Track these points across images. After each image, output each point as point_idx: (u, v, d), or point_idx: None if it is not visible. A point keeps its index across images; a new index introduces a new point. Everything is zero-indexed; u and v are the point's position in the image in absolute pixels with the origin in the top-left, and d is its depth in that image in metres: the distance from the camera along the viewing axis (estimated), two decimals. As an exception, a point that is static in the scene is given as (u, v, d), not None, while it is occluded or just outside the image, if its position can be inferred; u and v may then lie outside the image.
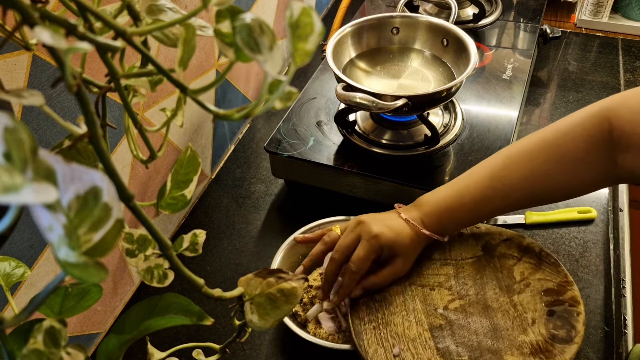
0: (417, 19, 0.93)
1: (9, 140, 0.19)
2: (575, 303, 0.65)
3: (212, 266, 0.83)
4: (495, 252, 0.72)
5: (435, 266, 0.71)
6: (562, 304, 0.66)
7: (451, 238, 0.73)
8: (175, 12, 0.35)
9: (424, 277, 0.70)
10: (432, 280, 0.70)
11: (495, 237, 0.73)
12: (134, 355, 0.68)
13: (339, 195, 0.87)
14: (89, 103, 0.25)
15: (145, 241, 0.40)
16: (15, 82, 0.53)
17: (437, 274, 0.70)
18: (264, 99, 0.27)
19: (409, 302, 0.68)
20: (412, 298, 0.68)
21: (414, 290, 0.69)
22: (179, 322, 0.37)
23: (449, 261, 0.71)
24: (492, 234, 0.73)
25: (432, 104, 0.82)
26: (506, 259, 0.71)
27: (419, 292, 0.69)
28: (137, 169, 0.75)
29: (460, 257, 0.72)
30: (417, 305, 0.67)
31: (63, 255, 0.22)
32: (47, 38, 0.21)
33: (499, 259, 0.71)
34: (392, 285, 0.69)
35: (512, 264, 0.70)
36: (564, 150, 0.62)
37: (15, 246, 0.57)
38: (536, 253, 0.71)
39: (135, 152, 0.38)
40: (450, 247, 0.73)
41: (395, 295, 0.68)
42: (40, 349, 0.27)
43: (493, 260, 0.71)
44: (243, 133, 1.06)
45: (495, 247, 0.72)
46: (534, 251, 0.71)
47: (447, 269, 0.71)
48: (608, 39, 1.24)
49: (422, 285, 0.69)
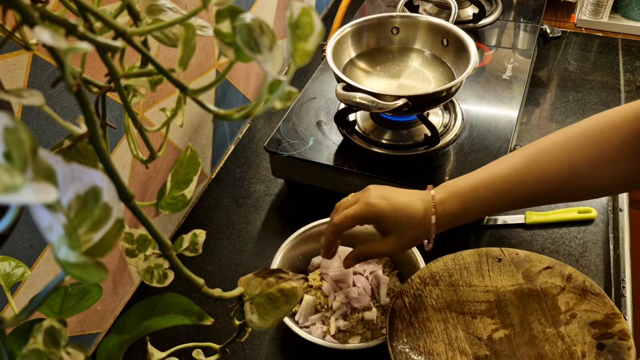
0: (417, 19, 0.93)
1: (9, 140, 0.19)
2: (625, 337, 0.62)
3: (212, 266, 0.83)
4: (537, 280, 0.69)
5: (476, 293, 0.68)
6: (612, 337, 0.63)
7: (489, 265, 0.71)
8: (175, 12, 0.35)
9: (465, 304, 0.67)
10: (473, 307, 0.67)
11: (535, 265, 0.70)
12: (134, 355, 0.68)
13: (339, 195, 0.87)
14: (89, 103, 0.25)
15: (145, 241, 0.40)
16: (15, 82, 0.53)
17: (479, 301, 0.68)
18: (264, 98, 0.27)
19: (451, 330, 0.65)
20: (453, 326, 0.65)
21: (455, 318, 0.66)
22: (179, 322, 0.37)
23: (489, 289, 0.69)
24: (532, 261, 0.70)
25: (432, 104, 0.82)
26: (549, 288, 0.68)
27: (461, 320, 0.66)
28: (137, 168, 0.75)
29: (501, 285, 0.69)
30: (459, 334, 0.65)
31: (63, 255, 0.22)
32: (47, 38, 0.21)
33: (542, 288, 0.68)
34: (430, 312, 0.67)
35: (556, 294, 0.67)
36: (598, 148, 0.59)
37: (15, 246, 0.57)
38: (580, 282, 0.68)
39: (135, 152, 0.38)
40: (490, 274, 0.70)
41: (435, 322, 0.66)
42: (40, 348, 0.27)
43: (536, 289, 0.68)
44: (243, 133, 1.06)
45: (537, 275, 0.69)
46: (577, 280, 0.68)
47: (488, 297, 0.68)
48: (608, 39, 1.24)
49: (464, 312, 0.66)
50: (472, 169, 0.80)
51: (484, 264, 0.71)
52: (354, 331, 0.69)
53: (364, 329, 0.69)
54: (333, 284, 0.72)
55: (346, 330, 0.69)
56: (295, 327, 0.67)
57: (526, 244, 0.82)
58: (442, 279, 0.70)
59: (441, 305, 0.67)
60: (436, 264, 0.71)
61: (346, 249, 0.75)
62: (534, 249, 0.82)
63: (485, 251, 0.72)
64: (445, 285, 0.70)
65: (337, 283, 0.72)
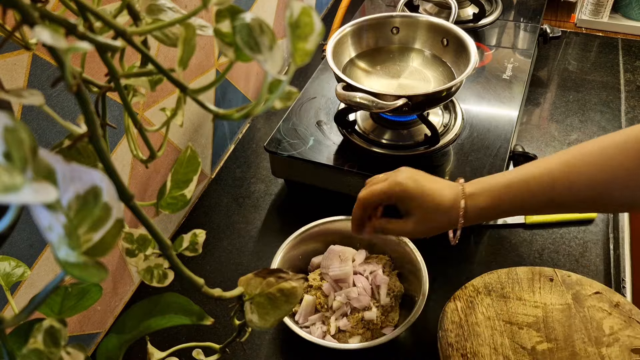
0: (417, 19, 0.93)
1: (9, 140, 0.19)
2: None
3: (212, 266, 0.83)
4: (586, 303, 0.71)
5: (525, 307, 0.71)
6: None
7: (541, 283, 0.73)
8: (175, 12, 0.35)
9: (514, 315, 0.71)
10: (520, 319, 0.70)
11: (586, 288, 0.72)
12: (134, 355, 0.68)
13: (339, 195, 0.87)
14: (88, 103, 0.25)
15: (145, 241, 0.40)
16: (15, 82, 0.53)
17: (527, 314, 0.71)
18: (264, 98, 0.27)
19: (497, 336, 0.68)
20: (500, 333, 0.69)
21: (502, 326, 0.69)
22: (179, 321, 0.37)
23: (538, 304, 0.71)
24: (583, 285, 0.73)
25: (432, 104, 0.82)
26: (596, 311, 0.70)
27: (508, 329, 0.69)
28: (137, 168, 0.75)
29: (550, 302, 0.71)
30: (505, 341, 0.68)
31: (63, 255, 0.22)
32: (47, 38, 0.21)
33: (589, 310, 0.70)
34: (480, 318, 0.70)
35: (602, 317, 0.70)
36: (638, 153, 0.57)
37: (15, 246, 0.57)
38: (627, 310, 0.70)
39: (135, 152, 0.38)
40: (541, 291, 0.73)
41: (483, 327, 0.69)
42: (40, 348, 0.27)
43: (583, 311, 0.70)
44: (243, 133, 1.06)
45: (586, 298, 0.72)
46: (624, 308, 0.70)
47: (536, 312, 0.71)
48: (608, 39, 1.24)
49: (511, 322, 0.70)
50: (473, 169, 0.80)
51: (536, 281, 0.74)
52: (354, 331, 0.69)
53: (363, 329, 0.69)
54: (333, 283, 0.72)
55: (346, 330, 0.69)
56: (295, 327, 0.67)
57: (526, 244, 0.82)
58: (494, 290, 0.74)
59: (491, 313, 0.71)
60: (490, 275, 0.75)
61: (345, 249, 0.75)
62: (534, 248, 0.82)
63: (538, 270, 0.75)
64: (496, 296, 0.73)
65: (337, 283, 0.72)
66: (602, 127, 1.01)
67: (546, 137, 1.00)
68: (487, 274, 0.75)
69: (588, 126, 1.02)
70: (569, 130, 1.01)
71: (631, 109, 1.05)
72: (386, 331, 0.70)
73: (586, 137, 0.99)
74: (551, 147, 0.98)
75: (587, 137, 1.00)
